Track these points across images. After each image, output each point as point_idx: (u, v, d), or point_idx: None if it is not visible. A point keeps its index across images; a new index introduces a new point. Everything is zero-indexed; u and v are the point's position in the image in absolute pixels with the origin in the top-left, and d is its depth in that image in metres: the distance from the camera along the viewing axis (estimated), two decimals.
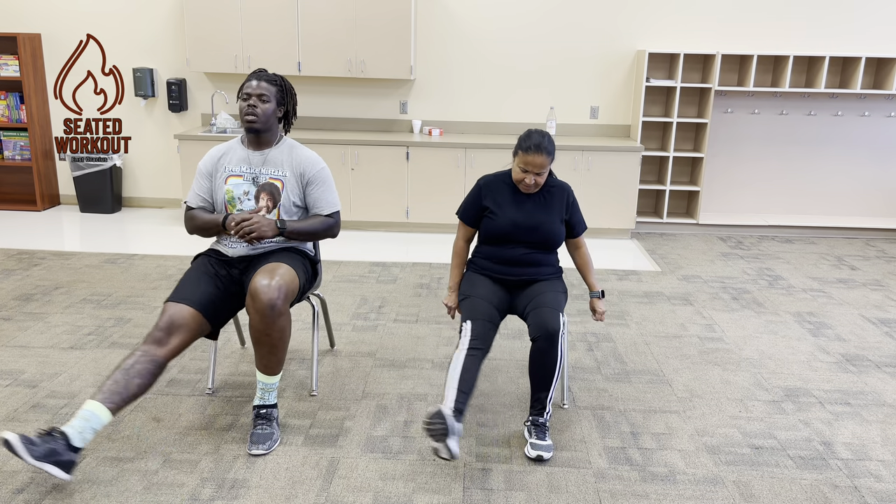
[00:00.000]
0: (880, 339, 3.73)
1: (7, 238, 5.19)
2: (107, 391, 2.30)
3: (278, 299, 2.46)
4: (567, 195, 2.84)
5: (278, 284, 2.47)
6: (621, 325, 3.82)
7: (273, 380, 2.60)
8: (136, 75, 5.92)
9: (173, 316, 2.48)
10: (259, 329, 2.49)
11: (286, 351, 2.59)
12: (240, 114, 2.69)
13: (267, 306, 2.44)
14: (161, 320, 2.48)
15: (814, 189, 6.12)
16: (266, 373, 2.59)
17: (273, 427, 2.59)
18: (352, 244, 5.32)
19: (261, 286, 2.45)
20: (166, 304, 2.53)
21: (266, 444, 2.52)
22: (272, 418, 2.61)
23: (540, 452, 2.50)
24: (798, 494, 2.36)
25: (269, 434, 2.55)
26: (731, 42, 5.77)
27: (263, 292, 2.44)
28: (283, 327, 2.52)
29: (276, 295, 2.45)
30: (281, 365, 2.60)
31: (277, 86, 2.74)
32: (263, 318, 2.46)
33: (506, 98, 5.98)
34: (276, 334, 2.50)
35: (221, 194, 2.75)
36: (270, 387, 2.61)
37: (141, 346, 2.43)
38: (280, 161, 2.76)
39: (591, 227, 5.67)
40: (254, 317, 2.48)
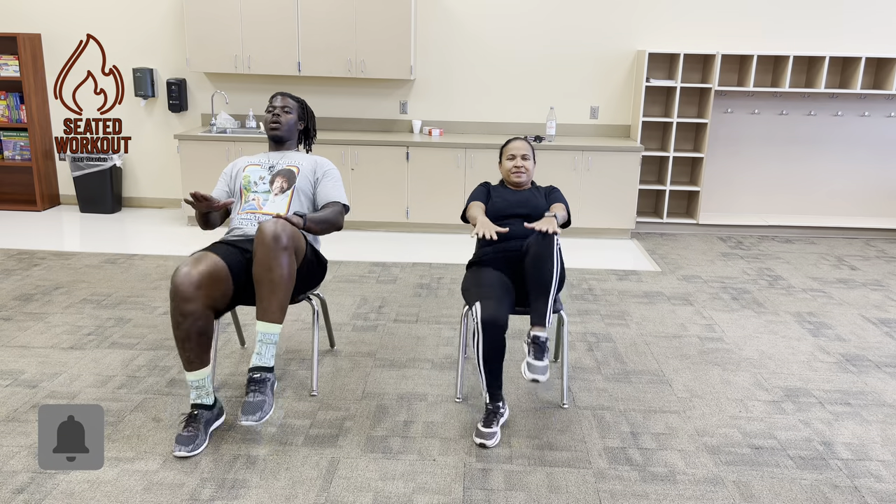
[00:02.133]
0: (880, 339, 3.73)
1: (7, 238, 5.19)
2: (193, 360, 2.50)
3: (283, 234, 2.49)
4: (550, 187, 3.18)
5: (283, 225, 2.52)
6: (621, 325, 3.82)
7: (273, 329, 2.50)
8: (136, 75, 5.92)
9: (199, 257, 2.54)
10: (262, 262, 2.48)
11: (288, 298, 2.54)
12: (265, 124, 3.06)
13: (271, 237, 2.47)
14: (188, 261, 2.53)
15: (814, 189, 6.12)
16: (266, 319, 2.49)
17: (266, 394, 2.43)
18: (352, 244, 5.32)
19: (268, 223, 2.51)
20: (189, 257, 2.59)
21: (257, 414, 2.38)
22: (266, 382, 2.46)
23: (535, 376, 2.55)
24: (798, 494, 2.36)
25: (261, 402, 2.40)
26: (731, 42, 5.78)
27: (269, 227, 2.49)
28: (286, 265, 2.50)
29: (281, 230, 2.49)
30: (282, 313, 2.52)
31: (299, 103, 3.13)
32: (267, 249, 2.47)
33: (506, 98, 5.98)
34: (278, 269, 2.48)
35: (239, 181, 2.97)
36: (269, 338, 2.50)
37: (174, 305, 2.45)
38: (297, 158, 3.04)
39: (591, 227, 5.68)
40: (258, 249, 2.49)
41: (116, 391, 2.93)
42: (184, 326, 2.45)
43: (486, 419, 2.64)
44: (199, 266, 2.49)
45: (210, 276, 2.50)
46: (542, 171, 5.51)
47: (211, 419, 2.59)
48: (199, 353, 2.50)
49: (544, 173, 5.52)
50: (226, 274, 2.58)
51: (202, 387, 2.55)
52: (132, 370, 3.13)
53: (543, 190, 3.16)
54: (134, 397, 2.88)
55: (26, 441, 2.54)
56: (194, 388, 2.55)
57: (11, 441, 2.53)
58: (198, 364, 2.52)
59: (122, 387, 2.97)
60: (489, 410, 2.66)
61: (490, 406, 2.67)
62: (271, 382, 2.50)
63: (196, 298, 2.45)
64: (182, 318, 2.45)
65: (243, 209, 2.91)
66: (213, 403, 2.60)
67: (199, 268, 2.49)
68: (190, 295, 2.44)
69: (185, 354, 2.50)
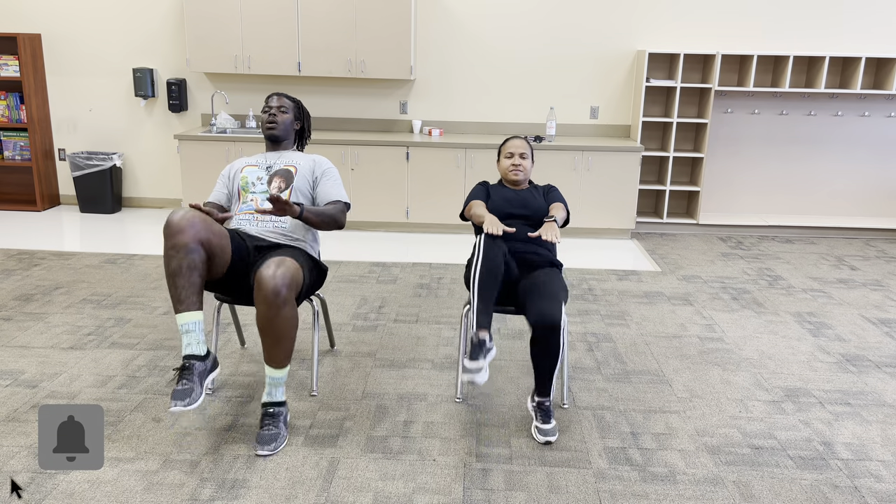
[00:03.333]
0: (880, 339, 3.73)
1: (7, 238, 5.19)
2: (184, 300, 2.43)
3: (283, 287, 2.48)
4: (548, 186, 3.19)
5: (283, 274, 2.50)
6: (621, 325, 3.82)
7: (279, 373, 2.59)
8: (136, 75, 5.92)
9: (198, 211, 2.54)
10: (265, 317, 2.49)
11: (293, 344, 2.58)
12: (262, 124, 3.06)
13: (272, 293, 2.46)
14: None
15: (814, 189, 6.12)
16: (272, 365, 2.58)
17: (280, 427, 2.57)
18: (352, 244, 5.32)
19: (266, 275, 2.49)
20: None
21: (272, 445, 2.51)
22: (279, 417, 2.59)
23: (548, 438, 2.59)
24: (798, 494, 2.36)
25: (275, 434, 2.53)
26: (731, 42, 5.78)
27: (268, 280, 2.48)
28: (288, 317, 2.52)
29: (280, 283, 2.48)
30: (287, 358, 2.59)
31: (295, 103, 3.13)
32: (269, 305, 2.47)
33: (506, 98, 5.98)
34: (280, 323, 2.50)
35: (237, 183, 2.98)
36: (277, 381, 2.60)
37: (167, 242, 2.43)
38: (295, 157, 3.05)
39: (591, 227, 5.68)
40: (260, 305, 2.49)
41: (116, 391, 2.93)
42: (175, 260, 2.42)
43: (472, 352, 2.53)
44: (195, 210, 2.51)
45: (206, 220, 2.50)
46: (542, 171, 5.52)
47: (205, 370, 2.48)
48: (190, 291, 2.43)
49: (544, 173, 5.52)
50: (224, 232, 2.59)
51: (192, 331, 2.44)
52: (132, 370, 3.13)
53: (542, 189, 3.17)
54: (134, 397, 2.88)
55: (26, 441, 2.54)
56: (185, 333, 2.45)
57: (11, 441, 2.54)
58: (188, 304, 2.43)
59: (122, 387, 2.97)
60: (475, 344, 2.55)
61: (476, 338, 2.56)
62: (284, 416, 2.62)
63: (188, 231, 2.43)
64: (173, 251, 2.42)
65: (241, 209, 2.92)
66: (206, 354, 2.48)
67: (195, 211, 2.50)
68: (183, 227, 2.43)
69: (175, 292, 2.43)
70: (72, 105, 6.12)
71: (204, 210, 2.62)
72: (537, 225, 2.99)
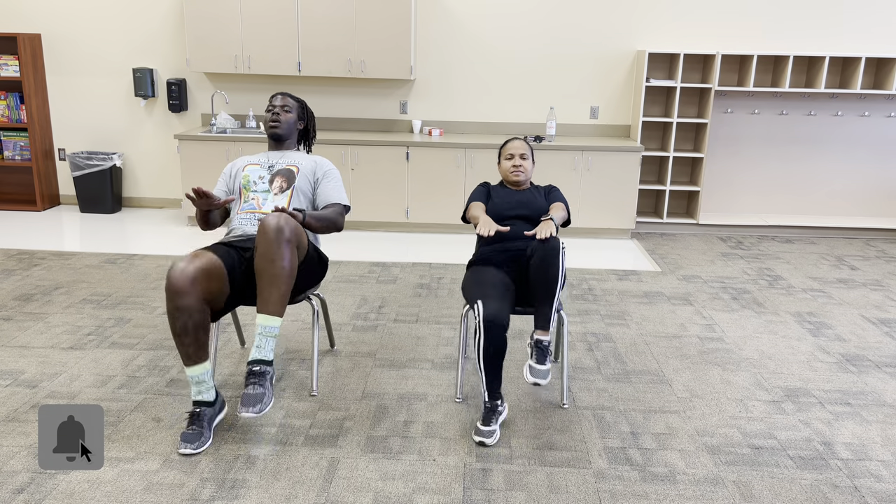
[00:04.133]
0: (880, 339, 3.73)
1: (7, 238, 5.19)
2: (192, 355, 2.51)
3: (285, 226, 2.49)
4: (549, 186, 3.19)
5: (286, 218, 2.53)
6: (621, 325, 3.82)
7: (273, 322, 2.50)
8: (136, 75, 5.92)
9: (196, 254, 2.55)
10: (264, 255, 2.48)
11: (289, 293, 2.54)
12: (265, 123, 3.06)
13: (274, 229, 2.47)
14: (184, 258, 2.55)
15: (814, 189, 6.12)
16: (266, 311, 2.49)
17: (265, 387, 2.44)
18: (352, 244, 5.32)
19: (270, 217, 2.52)
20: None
21: (257, 406, 2.39)
22: (265, 375, 2.46)
23: (537, 379, 2.61)
24: (798, 494, 2.36)
25: (260, 395, 2.41)
26: (731, 42, 5.78)
27: (272, 220, 2.50)
28: (287, 257, 2.50)
29: (283, 223, 2.49)
30: (282, 306, 2.52)
31: (299, 103, 3.14)
32: (270, 242, 2.47)
33: (506, 98, 5.98)
34: (279, 262, 2.48)
35: (238, 181, 2.98)
36: (269, 331, 2.50)
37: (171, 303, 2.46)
38: (297, 157, 3.05)
39: (591, 227, 5.68)
40: (260, 241, 2.49)
41: (116, 391, 2.93)
42: (180, 321, 2.46)
43: (484, 417, 2.65)
44: (194, 262, 2.51)
45: (205, 271, 2.51)
46: (542, 171, 5.52)
47: (213, 415, 2.61)
48: (196, 347, 2.51)
49: (544, 173, 5.52)
50: (222, 271, 2.58)
51: (202, 381, 2.55)
52: (132, 370, 3.13)
53: (543, 189, 3.17)
54: (134, 397, 2.88)
55: (26, 441, 2.54)
56: (195, 384, 2.56)
57: (11, 441, 2.53)
58: (196, 359, 2.52)
59: (122, 387, 2.97)
60: (487, 409, 2.67)
61: (489, 404, 2.67)
62: (271, 376, 2.51)
63: (191, 293, 2.45)
64: (178, 313, 2.45)
65: (243, 209, 2.92)
66: (215, 399, 2.61)
67: (194, 263, 2.50)
68: (185, 289, 2.44)
69: (183, 349, 2.51)
70: (72, 105, 6.12)
71: (207, 193, 2.65)
72: (532, 217, 3.01)
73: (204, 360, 2.54)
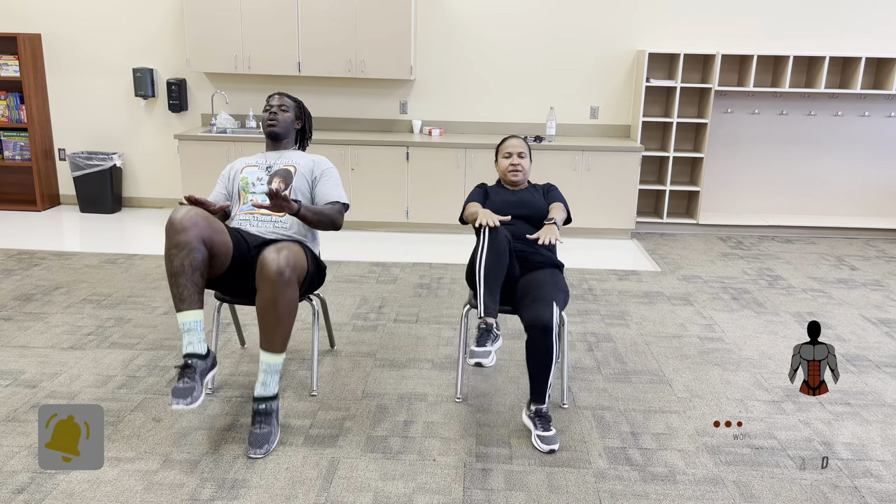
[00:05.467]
0: (880, 339, 3.73)
1: (7, 238, 5.19)
2: (186, 298, 2.44)
3: (287, 268, 2.49)
4: (547, 185, 3.17)
5: (286, 256, 2.52)
6: (621, 325, 3.82)
7: (276, 358, 2.55)
8: (136, 75, 5.92)
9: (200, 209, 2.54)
10: (267, 297, 2.49)
11: (291, 329, 2.56)
12: (262, 123, 3.07)
13: (276, 273, 2.47)
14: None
15: (814, 189, 6.12)
16: (269, 349, 2.53)
17: (272, 425, 2.55)
18: (352, 244, 5.32)
19: (270, 257, 2.51)
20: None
21: (264, 447, 2.49)
22: (271, 413, 2.56)
23: (551, 446, 2.55)
24: (798, 494, 2.36)
25: (266, 434, 2.52)
26: (731, 42, 5.78)
27: (272, 260, 2.49)
28: (291, 299, 2.51)
29: (284, 264, 2.49)
30: (285, 343, 2.56)
31: (296, 103, 3.15)
32: (272, 285, 2.47)
33: (506, 98, 5.98)
34: (282, 304, 2.49)
35: (237, 183, 2.98)
36: (273, 367, 2.55)
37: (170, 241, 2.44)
38: (294, 157, 3.05)
39: (591, 227, 5.68)
40: (262, 285, 2.49)
41: (116, 391, 2.93)
42: (178, 258, 2.43)
43: (478, 338, 2.55)
44: (199, 210, 2.52)
45: (208, 220, 2.51)
46: (542, 171, 5.52)
47: (206, 369, 2.49)
48: (191, 290, 2.45)
49: (544, 173, 5.52)
50: (225, 230, 2.59)
51: (193, 330, 2.45)
52: (132, 370, 3.13)
53: (541, 188, 3.16)
54: (134, 397, 2.88)
55: (26, 441, 2.54)
56: (186, 332, 2.46)
57: (11, 441, 2.54)
58: (191, 303, 2.45)
59: (122, 387, 2.97)
60: (482, 329, 2.57)
61: (483, 325, 2.56)
62: (276, 412, 2.59)
63: (192, 230, 2.44)
64: (176, 250, 2.43)
65: (242, 210, 2.92)
66: (206, 353, 2.50)
67: (198, 210, 2.51)
68: (186, 226, 2.43)
69: (177, 291, 2.44)
70: (72, 105, 6.12)
71: (201, 201, 2.63)
72: (537, 225, 2.98)
73: (197, 307, 2.47)
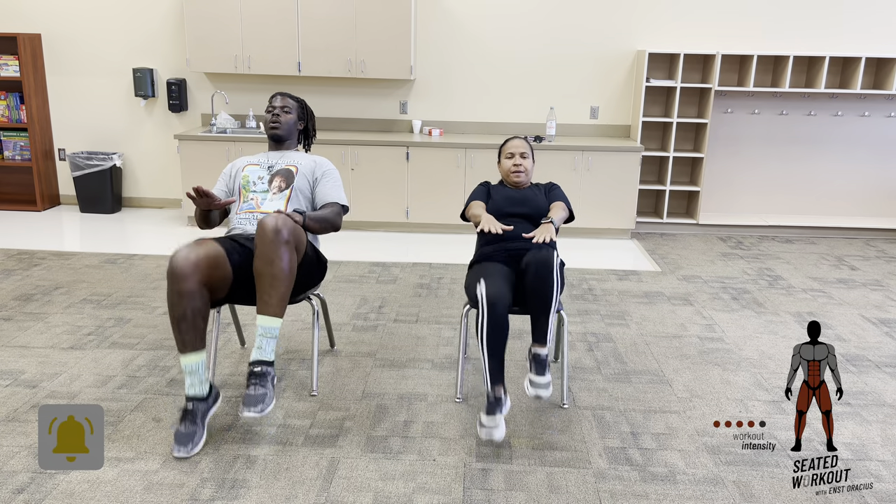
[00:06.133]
0: (880, 339, 3.73)
1: (7, 238, 5.19)
2: (188, 343, 2.48)
3: (283, 228, 2.50)
4: (550, 184, 3.18)
5: (284, 219, 2.53)
6: (621, 325, 3.82)
7: (274, 322, 2.51)
8: (136, 75, 5.92)
9: (199, 241, 2.57)
10: (263, 255, 2.49)
11: (288, 293, 2.55)
12: (265, 124, 3.07)
13: (272, 230, 2.48)
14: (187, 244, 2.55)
15: (814, 189, 6.12)
16: (266, 312, 2.50)
17: (268, 387, 2.46)
18: (352, 244, 5.32)
19: (269, 218, 2.52)
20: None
21: (259, 406, 2.41)
22: (266, 376, 2.48)
23: (538, 392, 2.58)
24: (798, 494, 2.36)
25: (262, 395, 2.43)
26: (731, 42, 5.78)
27: (270, 221, 2.50)
28: (286, 258, 2.51)
29: (281, 224, 2.50)
30: (283, 307, 2.53)
31: (299, 103, 3.14)
32: (268, 242, 2.48)
33: (506, 98, 5.98)
34: (278, 263, 2.49)
35: (238, 182, 2.98)
36: (270, 332, 2.51)
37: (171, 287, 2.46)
38: (296, 157, 3.06)
39: (591, 227, 5.68)
40: (259, 243, 2.50)
41: (116, 391, 2.93)
42: (180, 306, 2.45)
43: (487, 409, 2.56)
44: (197, 249, 2.52)
45: (208, 258, 2.51)
46: (542, 171, 5.51)
47: (207, 409, 2.56)
48: (194, 334, 2.48)
49: (544, 173, 5.52)
50: (224, 260, 2.59)
51: (196, 372, 2.50)
52: (132, 370, 3.13)
53: (543, 187, 3.16)
54: (134, 397, 2.88)
55: (26, 441, 2.54)
56: (188, 374, 2.50)
57: (11, 441, 2.53)
58: (192, 347, 2.48)
59: (122, 387, 2.97)
60: (490, 402, 2.58)
61: (492, 396, 2.58)
62: (272, 376, 2.52)
63: (193, 277, 2.45)
64: (178, 298, 2.44)
65: (242, 209, 2.92)
66: (209, 393, 2.56)
67: (197, 250, 2.51)
68: (187, 273, 2.44)
69: (180, 336, 2.48)
70: (72, 105, 6.12)
71: (208, 193, 2.65)
72: (538, 224, 2.99)
73: (199, 350, 2.51)
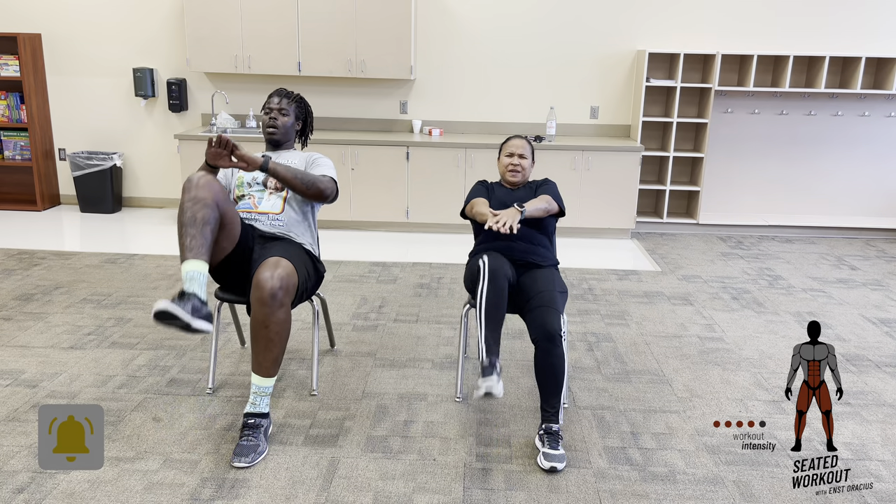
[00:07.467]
0: (880, 339, 3.73)
1: (7, 238, 5.19)
2: (193, 247, 2.39)
3: (279, 289, 2.48)
4: (543, 180, 3.14)
5: (279, 276, 2.51)
6: (621, 325, 3.82)
7: (267, 382, 2.56)
8: (137, 75, 5.92)
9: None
10: (258, 319, 2.49)
11: (283, 352, 2.57)
12: (262, 126, 3.05)
13: (268, 295, 2.46)
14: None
15: (814, 189, 6.12)
16: (260, 373, 2.55)
17: (259, 439, 2.50)
18: (352, 244, 5.32)
19: (263, 277, 2.49)
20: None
21: (249, 456, 2.44)
22: (260, 429, 2.53)
23: (553, 464, 2.45)
24: (798, 494, 2.36)
25: (254, 446, 2.47)
26: (731, 42, 5.78)
27: (266, 281, 2.48)
28: (282, 321, 2.51)
29: (277, 285, 2.48)
30: (276, 367, 2.57)
31: (296, 102, 3.08)
32: (264, 306, 2.47)
33: (506, 98, 5.98)
34: (274, 327, 2.49)
35: (234, 181, 2.98)
36: (264, 390, 2.56)
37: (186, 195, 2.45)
38: (292, 156, 3.03)
39: (591, 226, 5.68)
40: (255, 306, 2.49)
41: (116, 391, 2.93)
42: (191, 210, 2.42)
43: (483, 373, 2.50)
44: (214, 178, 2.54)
45: (223, 190, 2.53)
46: (542, 171, 5.51)
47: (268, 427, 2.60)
48: (200, 240, 2.41)
49: (544, 173, 5.52)
50: (237, 220, 2.60)
51: (194, 279, 2.35)
52: (132, 370, 3.13)
53: (536, 185, 3.13)
54: (134, 397, 2.88)
55: (26, 441, 2.54)
56: (188, 281, 2.36)
57: (11, 441, 2.54)
58: (195, 253, 2.39)
59: (122, 387, 2.97)
60: (485, 367, 2.50)
61: (486, 363, 2.51)
62: (265, 428, 2.57)
63: (208, 189, 2.45)
64: (191, 203, 2.43)
65: (239, 208, 2.91)
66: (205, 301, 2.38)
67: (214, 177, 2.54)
68: (202, 185, 2.45)
69: (184, 241, 2.40)
70: (72, 105, 6.12)
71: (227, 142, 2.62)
72: (531, 224, 2.95)
73: (202, 259, 2.40)
